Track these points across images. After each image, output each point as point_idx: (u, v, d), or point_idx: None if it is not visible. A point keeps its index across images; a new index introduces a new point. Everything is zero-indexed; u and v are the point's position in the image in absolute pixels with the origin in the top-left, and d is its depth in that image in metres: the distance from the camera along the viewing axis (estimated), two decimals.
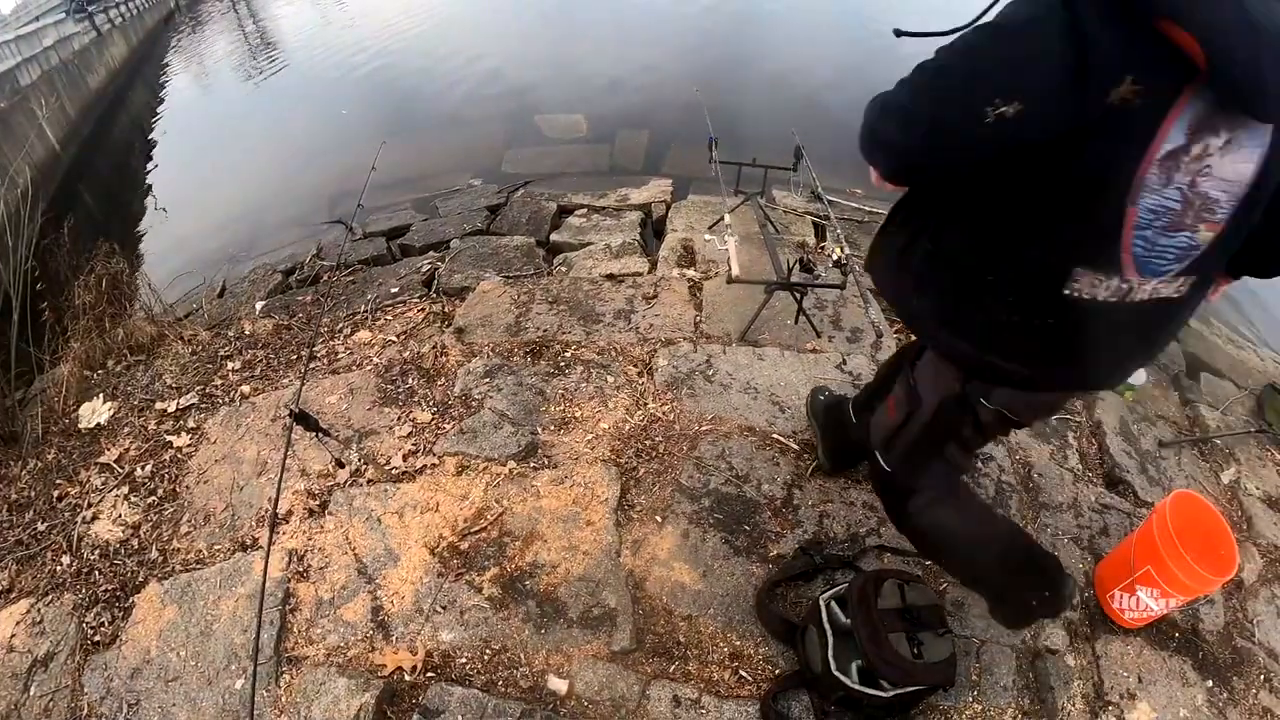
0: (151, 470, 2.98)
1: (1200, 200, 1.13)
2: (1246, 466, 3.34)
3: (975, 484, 2.85)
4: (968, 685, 2.26)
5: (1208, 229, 1.18)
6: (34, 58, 8.59)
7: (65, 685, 2.31)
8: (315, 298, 4.15)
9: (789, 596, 2.42)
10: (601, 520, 2.57)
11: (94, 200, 7.96)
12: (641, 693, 2.15)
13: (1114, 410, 3.38)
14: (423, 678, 2.17)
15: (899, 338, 3.61)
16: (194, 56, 12.98)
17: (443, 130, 7.62)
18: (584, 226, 4.73)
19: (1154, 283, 1.24)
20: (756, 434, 2.95)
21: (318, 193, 6.61)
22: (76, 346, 3.61)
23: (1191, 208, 1.14)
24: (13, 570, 2.70)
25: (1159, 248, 1.18)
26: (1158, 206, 1.13)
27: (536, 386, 3.13)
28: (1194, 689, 2.40)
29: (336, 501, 2.69)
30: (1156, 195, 1.12)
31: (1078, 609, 2.51)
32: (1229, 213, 1.16)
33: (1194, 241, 1.19)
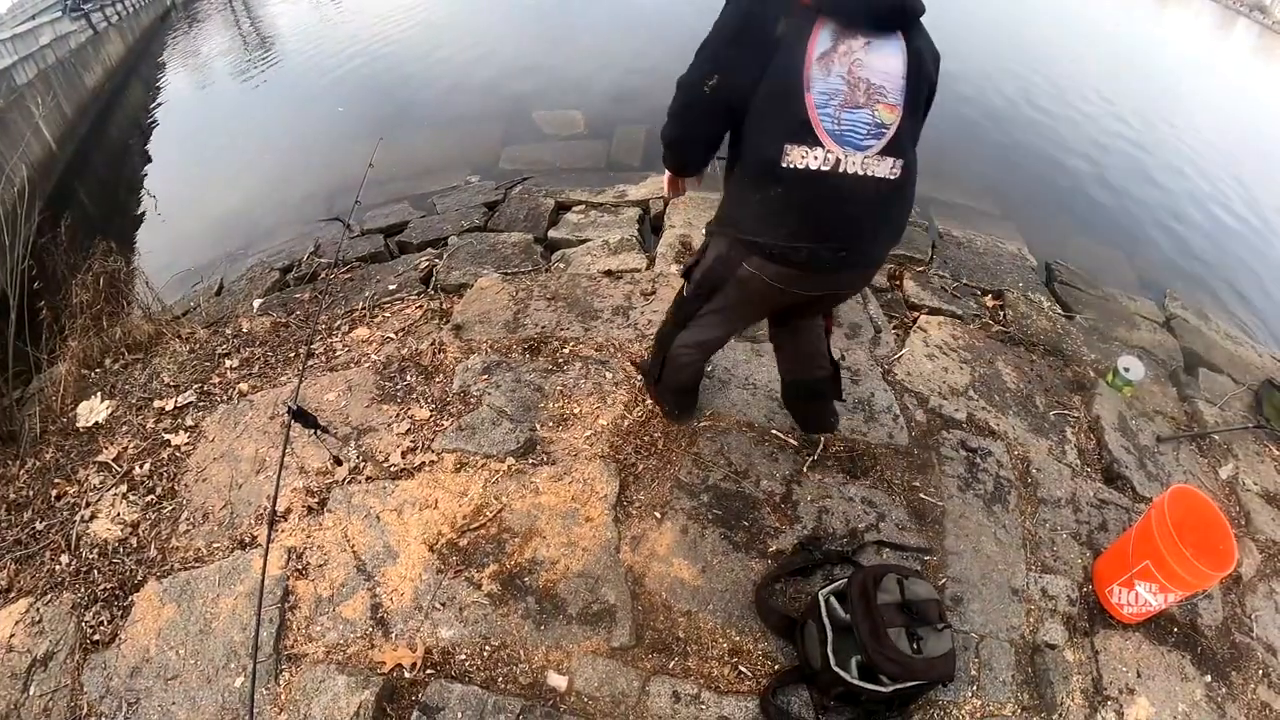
0: (150, 469, 2.97)
1: (864, 84, 1.60)
2: (1244, 462, 3.34)
3: (975, 479, 2.86)
4: (967, 680, 2.27)
5: (885, 109, 1.63)
6: (30, 56, 8.55)
7: (65, 684, 2.30)
8: (313, 295, 4.13)
9: (788, 592, 2.43)
10: (600, 516, 2.57)
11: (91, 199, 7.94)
12: (641, 688, 2.15)
13: (1112, 406, 3.39)
14: (422, 675, 2.17)
15: (897, 333, 3.61)
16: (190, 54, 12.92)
17: (440, 127, 7.59)
18: (582, 223, 4.72)
19: (860, 156, 1.64)
20: (755, 429, 2.95)
21: (315, 190, 6.59)
22: (74, 345, 3.60)
23: (859, 89, 1.60)
24: (11, 570, 2.68)
25: (847, 122, 1.61)
26: (828, 90, 1.59)
27: (535, 383, 3.12)
28: (1193, 684, 2.41)
29: (335, 499, 2.68)
30: (823, 82, 1.59)
31: (1077, 604, 2.52)
32: (899, 95, 1.63)
33: (876, 118, 1.63)
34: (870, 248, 1.86)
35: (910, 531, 2.64)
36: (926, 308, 3.91)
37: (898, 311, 3.85)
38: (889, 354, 3.43)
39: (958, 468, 2.91)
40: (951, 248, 4.80)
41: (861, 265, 1.91)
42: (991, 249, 4.90)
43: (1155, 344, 4.27)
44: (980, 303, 4.12)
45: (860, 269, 1.93)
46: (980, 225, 5.54)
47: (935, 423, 3.09)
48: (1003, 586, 2.53)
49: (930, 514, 2.71)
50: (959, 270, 4.45)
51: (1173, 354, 4.25)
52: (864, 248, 1.83)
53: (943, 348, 3.53)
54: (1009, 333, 3.81)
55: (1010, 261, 4.77)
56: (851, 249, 1.78)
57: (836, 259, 1.78)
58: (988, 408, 3.23)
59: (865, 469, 2.83)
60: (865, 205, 1.71)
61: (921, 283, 4.16)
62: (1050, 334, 3.89)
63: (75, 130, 9.14)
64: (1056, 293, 4.60)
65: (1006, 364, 3.53)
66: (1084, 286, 4.77)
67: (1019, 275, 4.56)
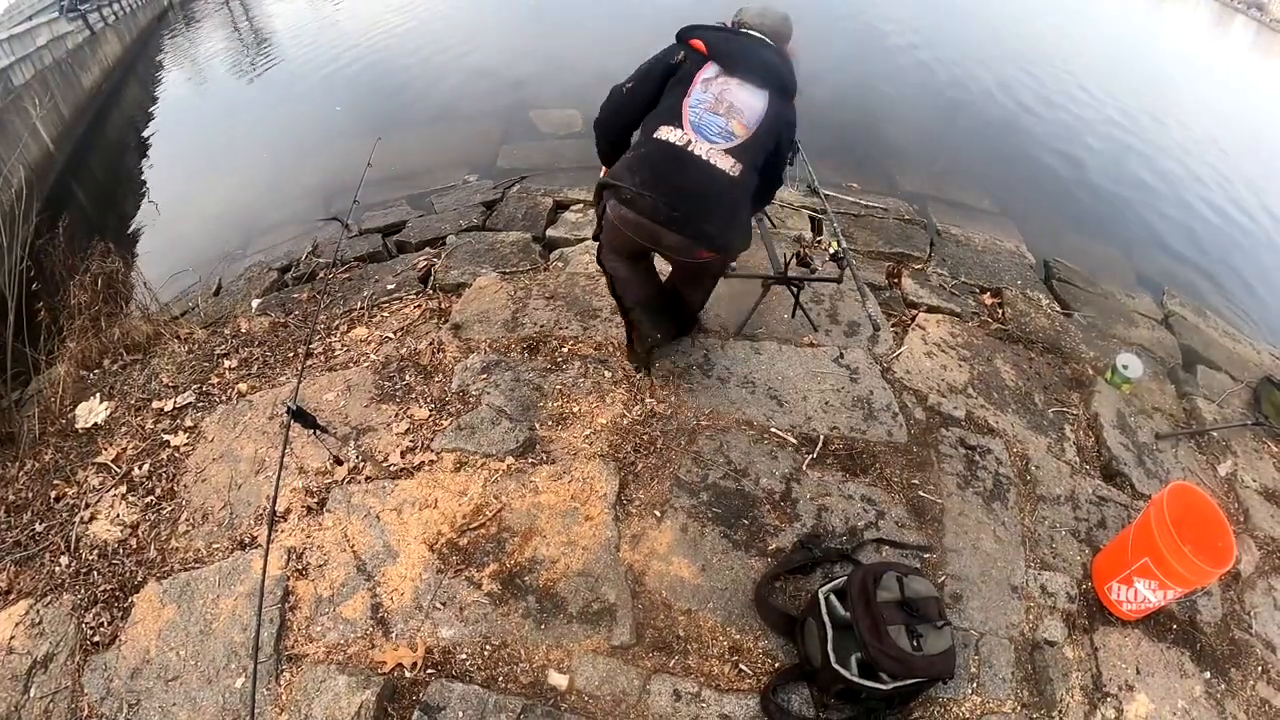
0: (149, 470, 2.97)
1: (726, 104, 2.25)
2: (1243, 459, 3.35)
3: (975, 477, 2.87)
4: (967, 677, 2.28)
5: (738, 124, 2.25)
6: (27, 57, 8.52)
7: (65, 686, 2.30)
8: (312, 295, 4.12)
9: (788, 590, 2.44)
10: (600, 515, 2.58)
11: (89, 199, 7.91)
12: (642, 687, 2.15)
13: (1111, 403, 3.39)
14: (423, 674, 2.17)
15: (895, 331, 3.61)
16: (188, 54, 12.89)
17: (438, 126, 7.58)
18: (580, 222, 4.71)
19: (707, 145, 2.23)
20: (754, 428, 2.95)
21: (313, 190, 6.57)
22: (72, 346, 3.59)
23: (721, 104, 2.25)
24: (11, 571, 2.69)
25: (706, 120, 2.24)
26: (701, 99, 2.27)
27: (534, 382, 3.12)
28: (1192, 680, 2.42)
29: (335, 499, 2.68)
30: (700, 94, 2.28)
31: (1076, 601, 2.53)
32: (751, 123, 2.25)
33: (729, 127, 2.24)
34: (700, 219, 2.29)
35: (910, 529, 2.65)
36: (925, 305, 3.91)
37: (896, 309, 3.86)
38: (887, 352, 3.43)
39: (957, 465, 2.91)
40: (950, 245, 4.80)
41: (689, 232, 2.31)
42: (990, 247, 4.91)
43: (1154, 341, 4.28)
44: (979, 300, 4.13)
45: (687, 234, 2.32)
46: (978, 223, 5.55)
47: (934, 420, 3.10)
48: (1002, 584, 2.53)
49: (929, 511, 2.72)
50: (957, 268, 4.45)
51: (1171, 351, 4.25)
52: (694, 216, 2.27)
53: (941, 345, 3.53)
54: (1007, 330, 3.81)
55: (1009, 259, 4.78)
56: (684, 212, 2.26)
57: (670, 216, 2.27)
58: (986, 405, 3.23)
59: (864, 467, 2.83)
60: (702, 181, 2.24)
61: (920, 280, 4.16)
62: (1049, 331, 3.89)
63: (73, 131, 9.11)
64: (1055, 290, 4.61)
65: (1005, 361, 3.53)
66: (1082, 284, 4.77)
67: (1017, 273, 4.56)
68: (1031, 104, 8.73)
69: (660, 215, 2.27)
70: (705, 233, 2.31)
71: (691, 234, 2.30)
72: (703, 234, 2.31)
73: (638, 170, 2.28)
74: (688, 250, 2.39)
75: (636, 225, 2.34)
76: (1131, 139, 8.37)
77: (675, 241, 2.33)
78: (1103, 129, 8.50)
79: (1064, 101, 9.03)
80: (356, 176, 3.35)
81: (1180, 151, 8.33)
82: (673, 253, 2.47)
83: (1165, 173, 7.72)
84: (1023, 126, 8.10)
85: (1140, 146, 8.21)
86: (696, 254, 2.41)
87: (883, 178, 6.26)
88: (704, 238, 2.33)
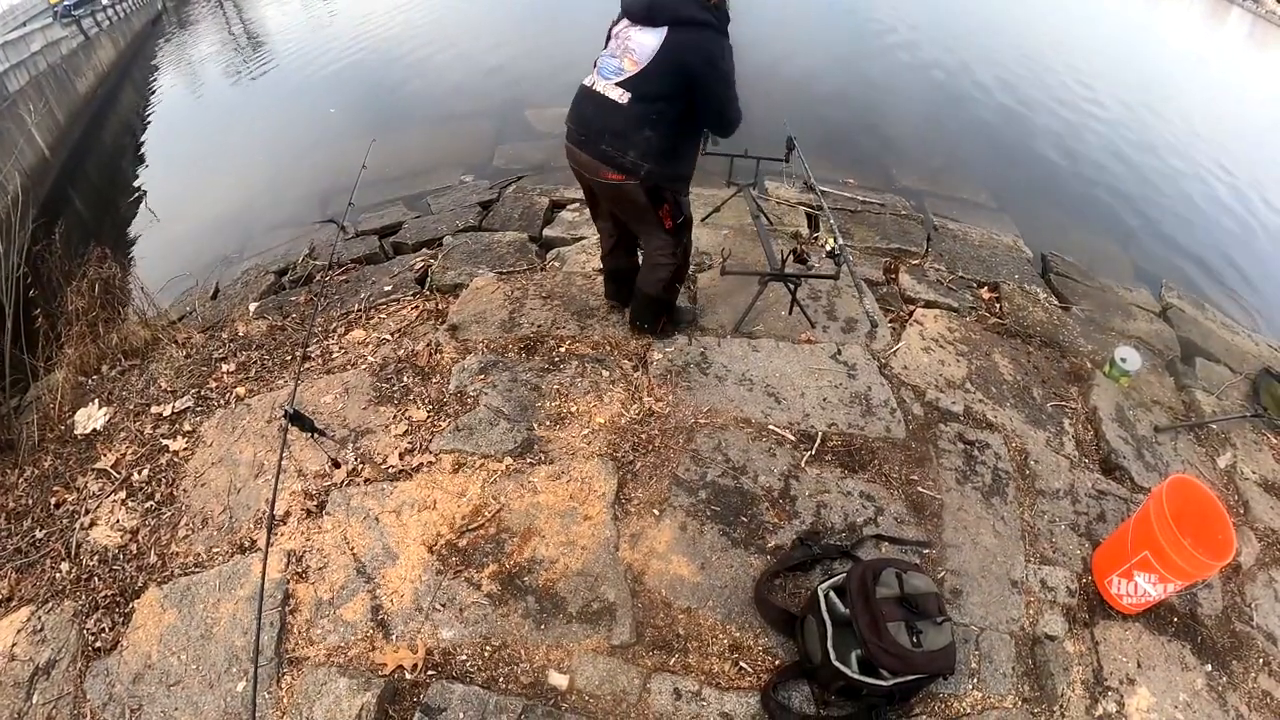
0: (148, 474, 2.97)
1: (623, 48, 2.58)
2: (1243, 451, 3.35)
3: (973, 472, 2.87)
4: (967, 673, 2.28)
5: (629, 61, 2.57)
6: (22, 63, 8.52)
7: (68, 692, 2.30)
8: (309, 297, 4.12)
9: (787, 587, 2.44)
10: (599, 515, 2.58)
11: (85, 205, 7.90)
12: (642, 686, 2.15)
13: (1110, 396, 3.39)
14: (424, 676, 2.17)
15: (893, 327, 3.61)
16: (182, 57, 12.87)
17: (433, 126, 7.57)
18: (576, 221, 4.71)
19: (604, 82, 2.63)
20: (753, 425, 2.95)
21: (309, 192, 6.57)
22: (70, 352, 3.59)
23: (619, 48, 2.60)
24: (12, 578, 2.69)
25: (605, 63, 2.64)
26: (610, 49, 2.65)
27: (531, 382, 3.12)
28: (1193, 673, 2.41)
29: (334, 501, 2.68)
30: (610, 46, 2.66)
31: (1076, 595, 2.53)
32: (643, 58, 2.53)
33: (621, 66, 2.59)
34: (597, 140, 2.69)
35: (909, 525, 2.64)
36: (922, 301, 3.91)
37: (894, 305, 3.86)
38: (885, 348, 3.43)
39: (956, 460, 2.91)
40: (947, 240, 4.80)
41: (592, 152, 2.72)
42: (987, 241, 4.91)
43: (1152, 334, 4.28)
44: (976, 295, 4.13)
45: (592, 153, 2.72)
46: (975, 218, 5.55)
47: (932, 416, 3.10)
48: (1002, 579, 2.53)
49: (929, 507, 2.72)
50: (954, 263, 4.45)
51: (1170, 344, 4.25)
52: (593, 138, 2.70)
53: (939, 340, 3.53)
54: (1005, 325, 3.81)
55: (1006, 253, 4.78)
56: (586, 136, 2.73)
57: (579, 139, 2.75)
58: (985, 400, 3.23)
59: (863, 463, 2.84)
60: (596, 111, 2.68)
61: (917, 276, 4.16)
62: (1047, 325, 3.89)
63: (68, 136, 9.10)
64: (1052, 284, 4.61)
65: (1003, 356, 3.54)
66: (1080, 278, 4.77)
67: (1015, 267, 4.56)
68: (1028, 98, 8.72)
69: (574, 139, 2.78)
70: (604, 152, 2.69)
71: (591, 153, 2.72)
72: (601, 153, 2.70)
73: (572, 109, 2.81)
74: (594, 169, 2.75)
75: (568, 151, 2.85)
76: (1129, 132, 8.36)
77: (585, 160, 2.76)
78: (1100, 123, 8.49)
79: (1061, 96, 9.01)
80: (353, 178, 3.36)
81: (1178, 144, 8.32)
82: (587, 173, 2.83)
83: (1163, 166, 7.72)
84: (1020, 121, 8.09)
85: (1137, 140, 8.20)
86: (603, 174, 2.74)
87: (880, 173, 6.26)
88: (604, 157, 2.70)
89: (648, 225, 2.96)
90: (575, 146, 2.79)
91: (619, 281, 3.42)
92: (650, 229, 2.97)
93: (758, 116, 2.89)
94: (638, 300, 3.31)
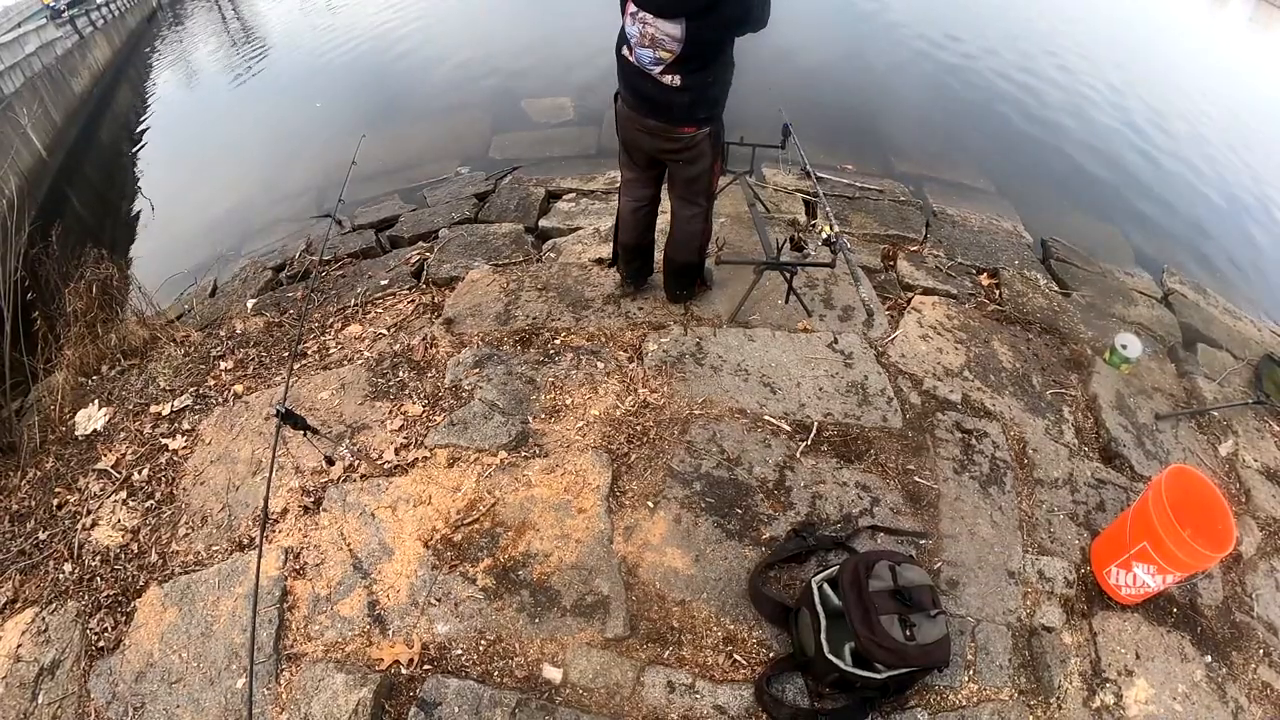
0: (148, 474, 2.99)
1: (650, 38, 2.52)
2: (1244, 438, 3.32)
3: (971, 461, 2.85)
4: (963, 665, 2.27)
5: (664, 51, 2.53)
6: (16, 65, 8.50)
7: (72, 692, 2.34)
8: (305, 293, 4.13)
9: (782, 579, 2.44)
10: (593, 507, 2.58)
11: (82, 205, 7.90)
12: (636, 679, 2.16)
13: (1110, 384, 3.37)
14: (419, 670, 2.19)
15: (890, 315, 3.59)
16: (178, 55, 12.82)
17: (429, 118, 7.52)
18: (573, 211, 4.69)
19: (650, 68, 2.60)
20: (748, 416, 2.94)
21: (305, 187, 6.54)
22: (70, 353, 3.61)
23: (646, 38, 2.54)
24: (16, 580, 2.72)
25: (641, 51, 2.59)
26: (632, 33, 2.59)
27: (526, 375, 3.12)
28: (1192, 664, 2.40)
29: (330, 498, 2.70)
30: (630, 29, 2.60)
31: (1074, 586, 2.52)
32: (675, 48, 2.50)
33: (658, 56, 2.55)
34: (666, 109, 2.73)
35: (905, 516, 2.64)
36: (921, 288, 3.88)
37: (892, 292, 3.83)
38: (882, 336, 3.41)
39: (953, 450, 2.90)
40: (946, 226, 4.76)
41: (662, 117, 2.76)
42: (987, 227, 4.87)
43: (1153, 320, 4.24)
44: (975, 281, 4.09)
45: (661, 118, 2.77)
46: (975, 202, 5.49)
47: (930, 405, 3.08)
48: (999, 569, 2.52)
49: (925, 497, 2.71)
50: (954, 249, 4.41)
51: (1171, 330, 4.21)
52: (661, 108, 2.73)
53: (937, 328, 3.51)
54: (1005, 311, 3.78)
55: (1006, 239, 4.73)
56: (654, 107, 2.74)
57: (642, 109, 2.78)
58: (983, 388, 3.21)
59: (859, 453, 2.83)
60: (654, 88, 2.67)
61: (915, 262, 4.13)
62: (1047, 312, 3.86)
63: (64, 137, 9.08)
64: (1053, 270, 4.56)
65: (1002, 343, 3.51)
66: (1081, 263, 4.73)
67: (1015, 253, 4.52)
68: (1028, 82, 8.60)
69: (635, 108, 2.82)
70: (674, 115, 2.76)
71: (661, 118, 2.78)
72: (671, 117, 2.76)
73: (620, 81, 2.83)
74: (663, 131, 2.81)
75: (626, 119, 2.90)
76: (1129, 116, 8.24)
77: (652, 125, 2.81)
78: (1100, 107, 8.37)
79: (1061, 80, 8.88)
80: (345, 172, 3.35)
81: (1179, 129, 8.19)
82: (653, 136, 2.87)
83: (1164, 150, 7.61)
84: (1020, 105, 7.97)
85: (1138, 124, 8.08)
86: (680, 129, 2.79)
87: (878, 159, 6.19)
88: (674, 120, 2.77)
89: (697, 185, 3.05)
90: (638, 114, 2.82)
91: (642, 258, 3.51)
92: (697, 189, 3.07)
93: (753, 103, 2.89)
94: (673, 271, 3.44)
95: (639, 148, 3.00)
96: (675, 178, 3.10)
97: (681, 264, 3.38)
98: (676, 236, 3.28)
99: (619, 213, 3.35)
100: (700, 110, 2.76)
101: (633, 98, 2.80)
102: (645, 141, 2.93)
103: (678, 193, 3.15)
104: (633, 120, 2.87)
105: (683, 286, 3.50)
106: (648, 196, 3.24)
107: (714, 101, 2.80)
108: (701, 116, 2.78)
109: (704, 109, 2.77)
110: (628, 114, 2.87)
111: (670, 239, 3.33)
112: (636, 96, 2.78)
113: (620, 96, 2.89)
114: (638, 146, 3.00)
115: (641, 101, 2.77)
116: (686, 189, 3.10)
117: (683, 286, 3.50)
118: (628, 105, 2.85)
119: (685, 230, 3.22)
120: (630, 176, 3.20)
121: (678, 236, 3.28)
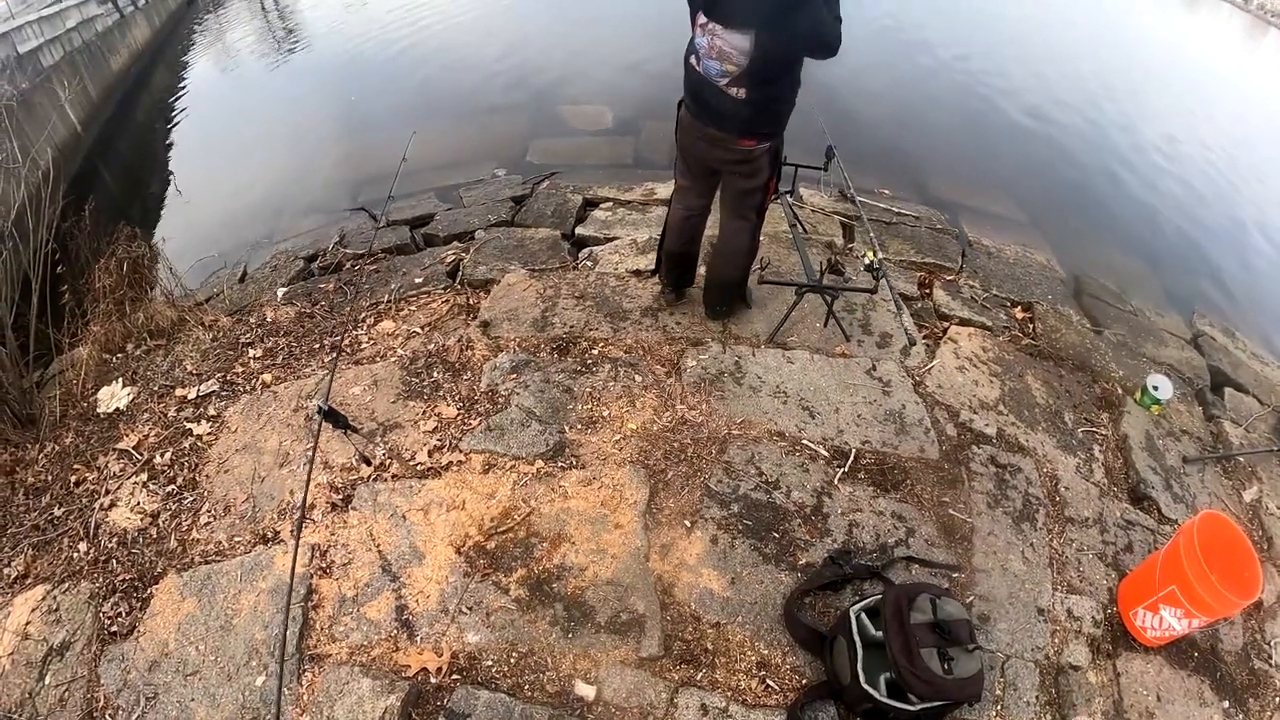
0: (171, 458, 2.95)
1: (718, 50, 2.56)
2: (1268, 485, 3.30)
3: (1005, 496, 2.82)
4: (991, 699, 2.24)
5: (730, 64, 2.57)
6: (57, 39, 8.46)
7: (81, 675, 2.28)
8: (338, 286, 4.09)
9: (817, 606, 2.40)
10: (630, 523, 2.54)
11: (115, 182, 7.86)
12: (669, 700, 2.12)
13: (1140, 424, 3.34)
14: (448, 680, 2.15)
15: (927, 344, 3.57)
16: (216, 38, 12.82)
17: (466, 118, 7.49)
18: (609, 220, 4.67)
19: (717, 80, 2.63)
20: (786, 439, 2.91)
21: (340, 179, 6.51)
22: (96, 329, 3.58)
23: (714, 50, 2.57)
24: (29, 555, 2.67)
25: (709, 63, 2.62)
26: (701, 44, 2.62)
27: (564, 384, 3.09)
28: (1211, 709, 2.39)
29: (360, 496, 2.66)
30: (699, 39, 2.62)
31: (1101, 626, 2.49)
32: (742, 61, 2.54)
33: (724, 69, 2.59)
34: (717, 121, 2.77)
35: (939, 548, 2.61)
36: (957, 318, 3.86)
37: (928, 321, 3.81)
38: (920, 365, 3.38)
39: (987, 484, 2.87)
40: (981, 257, 4.74)
41: (724, 127, 2.78)
42: (1021, 259, 4.85)
43: (1182, 361, 4.21)
44: (1010, 314, 4.07)
45: (710, 127, 2.81)
46: (1009, 233, 5.46)
47: (965, 437, 3.05)
48: (1029, 606, 2.49)
49: (959, 530, 2.68)
50: (989, 280, 4.39)
51: (1199, 372, 4.19)
52: (728, 119, 2.74)
53: (973, 360, 3.48)
54: (1038, 346, 3.75)
55: (1039, 272, 4.71)
56: (720, 118, 2.75)
57: (706, 118, 2.79)
58: (1017, 423, 3.18)
59: (896, 482, 2.79)
60: (719, 99, 2.69)
61: (952, 292, 4.10)
62: (1079, 348, 3.83)
63: (100, 113, 9.03)
64: (1085, 306, 4.54)
65: (1036, 378, 3.48)
66: (1112, 300, 4.71)
67: (1048, 287, 4.50)
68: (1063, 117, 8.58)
69: (699, 117, 2.83)
70: (712, 134, 2.82)
71: (723, 128, 2.79)
72: (735, 128, 2.77)
73: (686, 90, 2.85)
74: (725, 141, 2.82)
75: (688, 126, 2.91)
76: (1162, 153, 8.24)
77: (714, 134, 2.81)
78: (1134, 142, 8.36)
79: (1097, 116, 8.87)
80: (383, 166, 3.34)
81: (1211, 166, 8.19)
82: (713, 146, 2.88)
83: (1195, 188, 7.60)
84: (1054, 138, 7.96)
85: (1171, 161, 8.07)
86: (740, 142, 2.81)
87: (912, 184, 6.16)
88: (738, 132, 2.78)
89: (750, 199, 3.06)
90: (700, 123, 2.84)
91: (684, 266, 3.49)
92: (749, 204, 3.08)
93: (795, 123, 2.86)
94: (715, 286, 3.43)
95: (697, 156, 3.01)
96: (729, 189, 3.10)
97: (725, 278, 3.38)
98: (722, 249, 3.29)
99: (668, 218, 3.34)
100: (762, 125, 2.78)
101: (696, 106, 2.82)
102: (704, 150, 2.94)
103: (729, 205, 3.14)
104: (694, 129, 2.89)
105: (723, 302, 3.49)
106: (700, 206, 3.24)
107: (776, 118, 2.81)
108: (763, 131, 2.80)
109: (766, 124, 2.79)
110: (690, 122, 2.89)
111: (715, 250, 3.34)
112: (700, 105, 2.79)
113: (684, 104, 2.91)
114: (696, 155, 3.01)
115: (704, 110, 2.78)
116: (738, 202, 3.09)
117: (723, 302, 3.49)
118: (690, 113, 2.87)
119: (732, 244, 3.22)
120: (685, 184, 3.20)
121: (724, 249, 3.28)
